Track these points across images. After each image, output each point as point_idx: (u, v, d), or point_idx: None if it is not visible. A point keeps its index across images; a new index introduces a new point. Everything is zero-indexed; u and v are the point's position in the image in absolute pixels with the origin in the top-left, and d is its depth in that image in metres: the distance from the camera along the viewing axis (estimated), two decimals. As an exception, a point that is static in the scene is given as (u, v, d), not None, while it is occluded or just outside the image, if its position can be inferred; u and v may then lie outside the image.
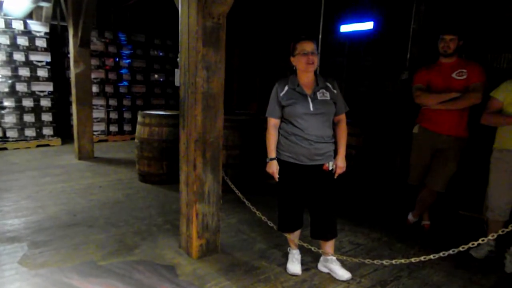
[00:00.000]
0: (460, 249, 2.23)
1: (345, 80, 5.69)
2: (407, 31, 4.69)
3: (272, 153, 2.47)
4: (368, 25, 5.29)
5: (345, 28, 5.59)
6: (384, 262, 2.41)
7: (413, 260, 2.32)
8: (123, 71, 7.77)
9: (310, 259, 2.77)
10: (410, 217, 3.54)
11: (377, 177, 4.42)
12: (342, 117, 2.50)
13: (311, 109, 2.35)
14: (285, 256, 2.74)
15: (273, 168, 2.47)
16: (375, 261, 2.44)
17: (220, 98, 2.68)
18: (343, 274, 2.53)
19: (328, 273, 2.59)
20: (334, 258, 2.60)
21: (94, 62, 7.15)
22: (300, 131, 2.38)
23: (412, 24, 4.63)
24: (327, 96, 2.40)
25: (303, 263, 2.68)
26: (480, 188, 2.87)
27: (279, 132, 2.48)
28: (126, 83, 7.83)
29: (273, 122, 2.46)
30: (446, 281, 2.56)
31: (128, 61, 7.82)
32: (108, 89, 7.61)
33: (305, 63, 2.34)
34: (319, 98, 2.38)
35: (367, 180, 4.41)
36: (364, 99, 5.45)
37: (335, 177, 2.49)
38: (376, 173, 4.41)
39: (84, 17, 5.24)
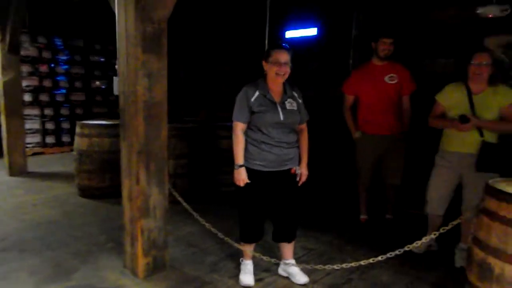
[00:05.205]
0: (406, 249, 2.31)
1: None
2: (348, 38, 4.86)
3: (240, 159, 2.36)
4: (313, 31, 5.41)
5: (290, 33, 5.67)
6: (335, 266, 2.43)
7: (362, 262, 2.35)
8: (59, 78, 7.24)
9: (263, 269, 2.72)
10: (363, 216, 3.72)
11: (324, 180, 4.51)
12: (304, 126, 2.55)
13: (281, 118, 2.35)
14: (238, 268, 2.66)
15: (243, 175, 2.35)
16: (326, 267, 2.46)
17: (163, 107, 2.54)
18: (300, 278, 2.54)
19: (281, 282, 2.56)
20: (293, 261, 2.60)
21: (26, 68, 6.60)
22: (270, 139, 2.35)
23: (353, 31, 4.80)
24: (294, 106, 2.43)
25: (255, 273, 2.62)
26: (425, 186, 3.01)
27: (246, 140, 2.40)
28: (63, 90, 7.30)
29: (240, 127, 2.37)
30: (394, 280, 2.64)
31: (65, 67, 7.30)
32: (43, 97, 7.03)
33: (276, 73, 2.33)
34: (287, 107, 2.39)
35: (315, 184, 4.46)
36: (311, 103, 5.52)
37: (299, 184, 2.51)
38: (323, 176, 4.49)
39: (13, 20, 4.82)
